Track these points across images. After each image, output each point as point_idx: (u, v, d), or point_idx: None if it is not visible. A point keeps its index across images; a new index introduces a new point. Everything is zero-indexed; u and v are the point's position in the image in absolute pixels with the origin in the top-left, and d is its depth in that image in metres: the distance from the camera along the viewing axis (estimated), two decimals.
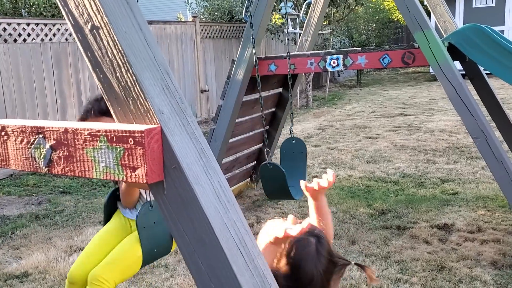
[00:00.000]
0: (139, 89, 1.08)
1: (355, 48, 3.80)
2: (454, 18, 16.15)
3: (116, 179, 1.10)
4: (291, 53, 3.90)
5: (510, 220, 4.02)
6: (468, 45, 3.38)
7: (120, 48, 1.08)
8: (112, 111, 1.14)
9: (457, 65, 5.60)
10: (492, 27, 3.64)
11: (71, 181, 6.16)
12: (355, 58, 3.68)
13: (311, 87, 12.56)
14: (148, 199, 2.28)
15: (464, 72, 4.05)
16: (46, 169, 1.18)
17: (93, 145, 1.12)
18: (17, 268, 3.70)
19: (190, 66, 10.60)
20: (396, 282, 3.17)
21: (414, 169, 5.76)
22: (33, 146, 1.21)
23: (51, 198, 5.49)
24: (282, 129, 5.22)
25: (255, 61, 3.83)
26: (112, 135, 1.09)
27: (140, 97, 1.09)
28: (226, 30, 11.27)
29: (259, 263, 1.12)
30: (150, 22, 9.64)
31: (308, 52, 4.04)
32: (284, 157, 4.01)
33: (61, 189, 5.86)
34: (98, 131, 1.10)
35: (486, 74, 4.13)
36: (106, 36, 1.09)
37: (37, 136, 1.20)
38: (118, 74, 1.10)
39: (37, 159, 1.20)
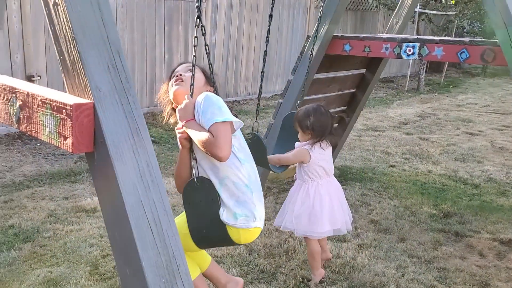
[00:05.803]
0: (81, 65, 1.17)
1: (433, 38, 3.52)
2: None
3: (56, 144, 1.21)
4: (366, 35, 3.74)
5: None
6: None
7: (70, 25, 1.17)
8: (65, 82, 1.25)
9: None
10: None
11: (164, 132, 6.60)
12: (431, 48, 3.42)
13: (424, 70, 11.83)
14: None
15: None
16: (16, 125, 1.33)
17: (42, 111, 1.24)
18: (89, 203, 4.13)
19: (299, 35, 10.54)
20: None
21: (504, 175, 5.26)
22: (9, 103, 1.37)
23: None
24: (360, 111, 5.06)
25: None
26: (54, 105, 1.20)
27: (81, 73, 1.18)
28: None
29: (170, 244, 1.18)
30: None
31: (385, 36, 3.83)
32: (283, 128, 3.36)
33: (152, 138, 6.31)
34: (46, 98, 1.22)
35: None
36: (62, 12, 1.18)
37: (12, 95, 1.36)
38: (68, 49, 1.20)
39: (11, 115, 1.36)
